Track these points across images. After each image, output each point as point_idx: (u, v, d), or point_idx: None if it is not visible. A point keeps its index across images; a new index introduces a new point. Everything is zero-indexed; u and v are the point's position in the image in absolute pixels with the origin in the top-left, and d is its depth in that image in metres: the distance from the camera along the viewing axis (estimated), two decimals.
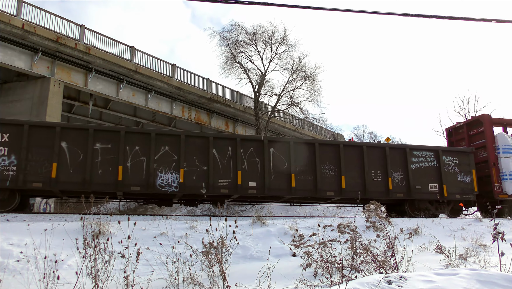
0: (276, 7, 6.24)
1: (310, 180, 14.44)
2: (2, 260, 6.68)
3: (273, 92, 29.30)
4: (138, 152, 13.07)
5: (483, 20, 7.10)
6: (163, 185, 13.11)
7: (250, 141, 14.43)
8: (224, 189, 13.64)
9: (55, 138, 12.40)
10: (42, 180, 12.10)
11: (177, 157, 13.31)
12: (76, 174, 12.38)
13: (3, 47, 19.88)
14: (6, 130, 12.12)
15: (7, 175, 11.90)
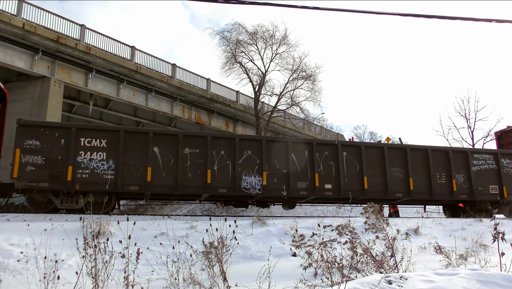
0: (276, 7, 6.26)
1: (380, 182, 15.22)
2: (3, 260, 6.68)
3: (273, 92, 29.33)
4: (224, 156, 13.79)
5: (483, 20, 7.10)
6: (248, 187, 13.82)
7: (325, 146, 15.18)
8: (303, 191, 14.34)
9: (148, 144, 13.11)
10: (138, 183, 12.79)
11: (259, 161, 14.07)
12: (168, 177, 13.08)
13: (4, 47, 19.88)
14: (104, 136, 12.80)
15: (106, 179, 12.53)
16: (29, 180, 11.90)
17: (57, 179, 12.10)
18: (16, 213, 11.83)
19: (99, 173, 12.48)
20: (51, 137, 12.38)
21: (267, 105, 30.58)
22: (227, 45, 28.28)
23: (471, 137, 30.10)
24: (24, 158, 12.02)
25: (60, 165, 12.23)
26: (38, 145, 12.20)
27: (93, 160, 12.51)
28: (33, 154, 12.10)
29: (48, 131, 12.44)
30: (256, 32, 28.11)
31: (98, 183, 12.41)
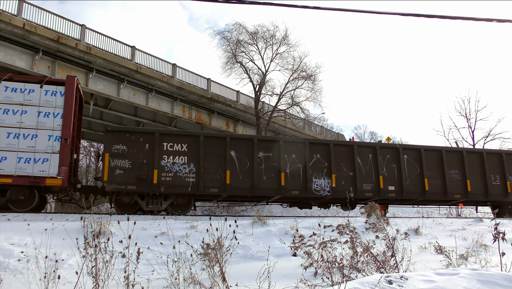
0: (276, 7, 6.28)
1: (439, 184, 16.01)
2: (3, 259, 6.69)
3: (273, 92, 29.34)
4: (295, 159, 14.50)
5: (484, 20, 7.09)
6: (318, 189, 14.53)
7: (387, 149, 15.99)
8: (369, 193, 15.14)
9: (226, 148, 13.82)
10: (218, 185, 13.49)
11: (327, 164, 14.81)
12: (245, 179, 13.80)
13: (4, 47, 19.89)
14: (185, 141, 13.50)
15: (188, 181, 13.21)
16: (118, 183, 12.58)
17: (144, 182, 12.80)
18: (16, 213, 11.84)
19: (182, 176, 13.17)
20: (136, 142, 13.07)
21: (268, 105, 30.58)
22: (227, 45, 28.32)
23: (472, 137, 30.11)
24: (113, 162, 12.69)
25: (145, 168, 12.92)
26: (125, 150, 12.89)
27: (175, 163, 13.19)
28: (121, 158, 12.79)
29: (134, 137, 13.16)
30: (256, 32, 28.14)
31: (181, 185, 13.10)
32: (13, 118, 12.06)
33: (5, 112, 12.01)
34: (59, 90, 12.56)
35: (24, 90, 12.34)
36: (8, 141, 11.86)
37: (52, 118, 12.35)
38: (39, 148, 12.07)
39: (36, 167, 11.93)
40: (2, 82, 12.24)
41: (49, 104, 12.45)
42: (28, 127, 12.14)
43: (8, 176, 11.70)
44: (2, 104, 12.09)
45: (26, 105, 12.25)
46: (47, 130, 12.26)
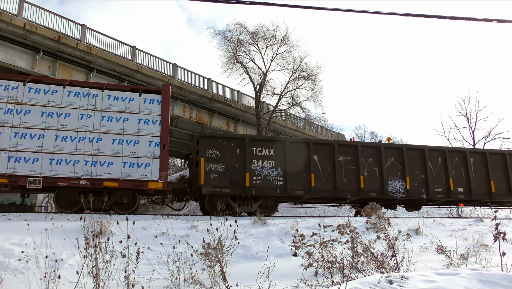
0: (276, 7, 6.22)
1: (504, 185, 16.82)
2: (4, 259, 6.69)
3: (274, 92, 29.38)
4: (371, 163, 15.32)
5: (484, 20, 7.08)
6: (393, 191, 15.35)
7: (455, 153, 16.81)
8: (440, 194, 15.91)
9: (309, 152, 14.60)
10: (303, 188, 14.25)
11: (401, 167, 15.63)
12: (327, 182, 14.57)
13: (5, 47, 19.90)
14: (271, 146, 14.33)
15: (277, 184, 14.02)
16: (213, 186, 13.38)
17: (237, 185, 13.63)
18: (17, 213, 11.86)
19: (270, 179, 13.97)
20: (228, 147, 13.90)
21: (268, 105, 30.60)
22: (228, 44, 28.33)
23: (472, 137, 30.15)
24: (208, 166, 13.52)
25: (237, 172, 13.74)
26: (218, 154, 13.70)
27: (264, 167, 14.03)
28: (215, 163, 13.62)
29: (226, 142, 14.00)
30: (257, 32, 28.16)
31: (270, 188, 13.92)
32: (116, 125, 12.84)
33: (109, 120, 12.80)
34: (156, 98, 13.41)
35: (125, 98, 13.15)
36: (113, 147, 12.64)
37: (151, 125, 13.13)
38: (141, 153, 12.85)
39: (139, 171, 12.71)
40: (105, 91, 13.04)
41: (148, 111, 13.24)
42: (130, 133, 12.93)
43: (115, 179, 12.48)
44: (106, 112, 12.88)
45: (128, 112, 13.05)
46: (147, 137, 13.03)
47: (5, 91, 12.26)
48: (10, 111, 12.13)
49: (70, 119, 12.55)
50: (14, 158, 11.90)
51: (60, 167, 12.15)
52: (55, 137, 12.29)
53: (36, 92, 12.48)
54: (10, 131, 12.01)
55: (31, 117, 12.28)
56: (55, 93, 12.61)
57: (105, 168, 12.44)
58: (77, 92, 12.79)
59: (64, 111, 12.56)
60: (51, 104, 12.49)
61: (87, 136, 12.51)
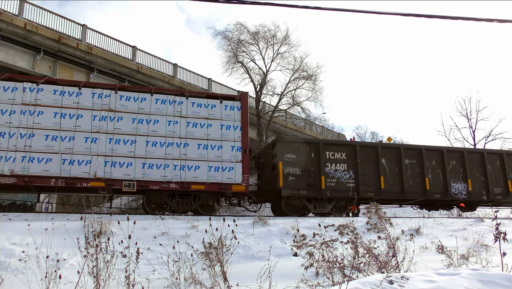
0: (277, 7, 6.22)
1: None
2: (4, 259, 6.69)
3: (274, 92, 29.39)
4: (435, 165, 15.99)
5: (485, 20, 7.08)
6: (456, 193, 16.00)
7: None
8: (499, 195, 16.54)
9: (378, 156, 15.29)
10: (374, 190, 14.96)
11: (462, 170, 16.31)
12: (395, 184, 15.26)
13: (6, 47, 19.91)
14: (343, 150, 15.03)
15: (349, 186, 14.67)
16: (291, 188, 14.03)
17: (313, 187, 14.28)
18: (17, 212, 11.86)
19: (343, 182, 14.63)
20: (303, 151, 14.56)
21: (269, 105, 30.60)
22: (228, 44, 28.33)
23: (473, 137, 30.12)
24: (285, 170, 14.12)
25: (313, 175, 14.39)
26: (294, 158, 14.36)
27: (337, 170, 14.68)
28: (292, 166, 14.23)
29: (301, 146, 14.69)
30: (257, 32, 28.16)
31: (343, 190, 14.56)
32: (201, 131, 13.56)
33: (194, 126, 13.52)
34: (235, 105, 14.15)
35: (207, 105, 13.88)
36: (199, 152, 13.34)
37: (232, 131, 13.85)
38: (224, 158, 13.55)
39: (224, 174, 13.40)
40: (189, 98, 13.77)
41: (229, 118, 13.96)
42: (214, 139, 13.64)
43: (202, 183, 13.20)
44: (191, 118, 13.61)
45: (211, 119, 13.77)
46: (229, 142, 13.73)
47: (99, 99, 12.94)
48: (104, 118, 12.81)
49: (158, 125, 13.27)
50: (110, 163, 12.54)
51: (152, 171, 12.83)
52: (146, 142, 12.99)
53: (126, 100, 13.19)
54: (105, 137, 12.68)
55: (124, 124, 12.98)
56: (144, 100, 13.31)
57: (192, 171, 13.17)
58: (163, 100, 13.51)
59: (153, 118, 13.28)
60: (141, 111, 13.20)
61: (175, 142, 13.25)
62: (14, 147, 11.96)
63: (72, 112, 12.65)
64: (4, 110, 12.16)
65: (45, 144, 12.19)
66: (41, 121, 12.37)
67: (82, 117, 12.67)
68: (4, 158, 11.78)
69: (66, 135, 12.40)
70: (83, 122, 12.64)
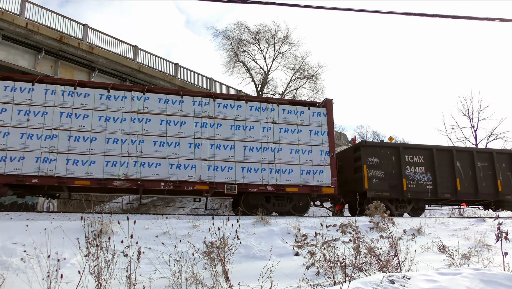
0: (277, 6, 6.24)
1: None
2: (6, 258, 6.70)
3: (276, 91, 29.45)
4: (505, 168, 16.70)
5: (487, 19, 7.06)
6: None
7: None
8: None
9: (453, 159, 16.07)
10: (450, 191, 15.72)
11: None
12: (469, 186, 16.03)
13: (7, 46, 19.95)
14: (421, 154, 15.81)
15: (427, 188, 15.47)
16: (376, 190, 14.83)
17: (395, 189, 15.14)
18: (19, 212, 11.88)
19: (422, 184, 15.40)
20: (385, 155, 15.42)
21: None
22: (229, 44, 28.36)
23: (474, 137, 30.13)
24: (369, 173, 14.97)
25: (395, 177, 15.25)
26: (377, 162, 15.23)
27: (416, 173, 15.51)
28: (375, 169, 15.11)
29: (383, 150, 15.55)
30: (258, 32, 28.20)
31: (422, 192, 15.36)
32: (292, 136, 14.30)
33: (285, 132, 14.32)
34: (322, 111, 14.86)
35: (296, 112, 14.66)
36: (291, 156, 14.09)
37: (320, 136, 14.54)
38: (315, 161, 14.22)
39: (315, 177, 14.09)
40: (280, 105, 14.64)
41: (316, 124, 14.66)
42: (304, 144, 14.32)
43: (295, 185, 13.89)
44: (282, 125, 14.39)
45: (300, 125, 14.52)
46: (318, 146, 14.41)
47: (199, 106, 13.74)
48: (205, 124, 13.61)
49: (254, 131, 14.07)
50: (213, 167, 13.34)
51: (250, 174, 13.63)
52: (243, 148, 13.79)
53: (224, 107, 14.00)
54: (207, 143, 13.47)
55: (223, 130, 13.73)
56: (239, 108, 14.14)
57: (286, 175, 13.94)
58: (257, 107, 14.33)
59: (248, 124, 14.09)
60: (237, 118, 14.02)
61: (269, 147, 14.06)
62: (126, 152, 12.70)
63: (176, 119, 13.44)
64: (116, 118, 12.90)
65: (153, 150, 12.98)
66: (149, 128, 13.12)
67: (185, 124, 13.47)
68: (119, 162, 12.51)
69: (172, 141, 13.18)
70: (186, 128, 13.43)
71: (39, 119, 12.25)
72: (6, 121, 11.98)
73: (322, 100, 15.82)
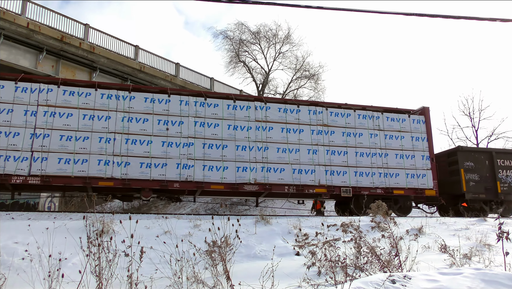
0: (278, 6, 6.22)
1: None
2: (7, 258, 6.71)
3: (276, 91, 29.42)
4: None
5: (488, 19, 7.06)
6: None
7: None
8: None
9: None
10: None
11: None
12: None
13: (8, 46, 19.96)
14: (510, 158, 16.77)
15: None
16: (473, 193, 15.76)
17: (489, 191, 16.02)
18: (20, 212, 11.90)
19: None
20: (479, 159, 16.32)
21: None
22: (230, 44, 28.34)
23: (475, 137, 30.02)
24: (466, 176, 15.85)
25: (489, 180, 16.15)
26: (472, 166, 16.12)
27: (508, 176, 16.40)
28: (471, 173, 15.96)
29: (477, 155, 16.49)
30: (259, 32, 28.19)
31: None
32: (396, 142, 15.41)
33: (390, 138, 15.38)
34: (420, 119, 16.05)
35: (398, 119, 15.77)
36: (397, 161, 15.16)
37: (421, 142, 15.63)
38: (417, 166, 15.30)
39: (418, 180, 15.16)
40: (384, 113, 15.68)
41: (416, 130, 15.76)
42: (407, 149, 15.42)
43: (401, 188, 14.95)
44: (387, 132, 15.45)
45: (402, 131, 15.61)
46: (419, 152, 15.48)
47: (314, 115, 14.88)
48: (320, 132, 14.72)
49: (363, 138, 15.10)
50: (329, 171, 14.37)
51: (362, 178, 14.67)
52: (355, 153, 14.82)
53: (336, 116, 15.10)
54: (323, 149, 14.55)
55: (335, 137, 14.82)
56: (349, 116, 15.20)
57: (393, 178, 14.96)
58: (364, 115, 15.38)
59: (357, 131, 15.16)
60: (347, 126, 15.08)
61: (377, 152, 15.11)
62: (254, 158, 13.82)
63: (294, 127, 14.51)
64: (242, 127, 14.07)
65: (277, 156, 14.06)
66: (272, 135, 14.24)
67: (303, 132, 14.52)
68: (249, 168, 13.65)
69: (292, 148, 14.24)
70: (304, 136, 14.50)
71: (177, 128, 13.31)
72: (148, 130, 13.03)
73: (419, 108, 16.76)
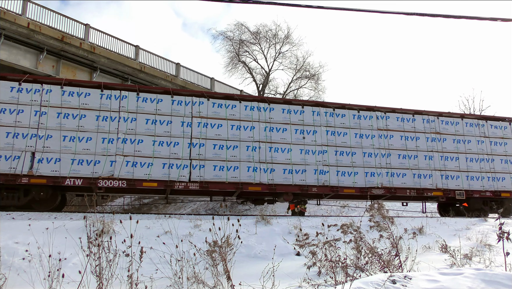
0: (278, 6, 6.27)
1: None
2: (8, 258, 6.71)
3: (277, 92, 29.43)
4: None
5: (488, 19, 7.06)
6: None
7: None
8: None
9: None
10: None
11: None
12: None
13: (9, 46, 19.97)
14: None
15: None
16: None
17: None
18: (21, 212, 11.89)
19: None
20: None
21: None
22: (230, 45, 28.36)
23: None
24: None
25: None
26: None
27: None
28: None
29: None
30: (259, 32, 28.20)
31: None
32: (500, 148, 16.31)
33: (495, 144, 16.23)
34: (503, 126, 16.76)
35: (501, 127, 16.65)
36: (502, 166, 16.10)
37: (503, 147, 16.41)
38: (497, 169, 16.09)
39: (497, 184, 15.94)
40: (488, 121, 16.49)
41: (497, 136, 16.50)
42: (510, 154, 16.39)
43: (508, 191, 15.84)
44: (492, 138, 16.29)
45: (506, 138, 16.49)
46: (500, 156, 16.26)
47: (428, 124, 15.88)
48: (434, 139, 15.68)
49: (471, 144, 16.05)
50: (444, 176, 15.36)
51: (473, 182, 15.57)
52: (465, 158, 15.76)
53: (446, 124, 16.09)
54: (437, 155, 15.55)
55: (447, 144, 15.80)
56: (457, 124, 16.17)
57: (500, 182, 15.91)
58: (471, 123, 16.32)
59: (466, 138, 16.09)
60: (457, 133, 16.07)
61: (484, 158, 16.08)
62: (379, 164, 14.81)
63: (411, 135, 15.57)
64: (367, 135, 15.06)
65: (399, 162, 15.06)
66: (393, 143, 15.23)
67: (419, 139, 15.56)
68: (376, 173, 14.68)
69: (411, 154, 15.30)
70: (420, 143, 15.52)
71: (311, 137, 14.40)
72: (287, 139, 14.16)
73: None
